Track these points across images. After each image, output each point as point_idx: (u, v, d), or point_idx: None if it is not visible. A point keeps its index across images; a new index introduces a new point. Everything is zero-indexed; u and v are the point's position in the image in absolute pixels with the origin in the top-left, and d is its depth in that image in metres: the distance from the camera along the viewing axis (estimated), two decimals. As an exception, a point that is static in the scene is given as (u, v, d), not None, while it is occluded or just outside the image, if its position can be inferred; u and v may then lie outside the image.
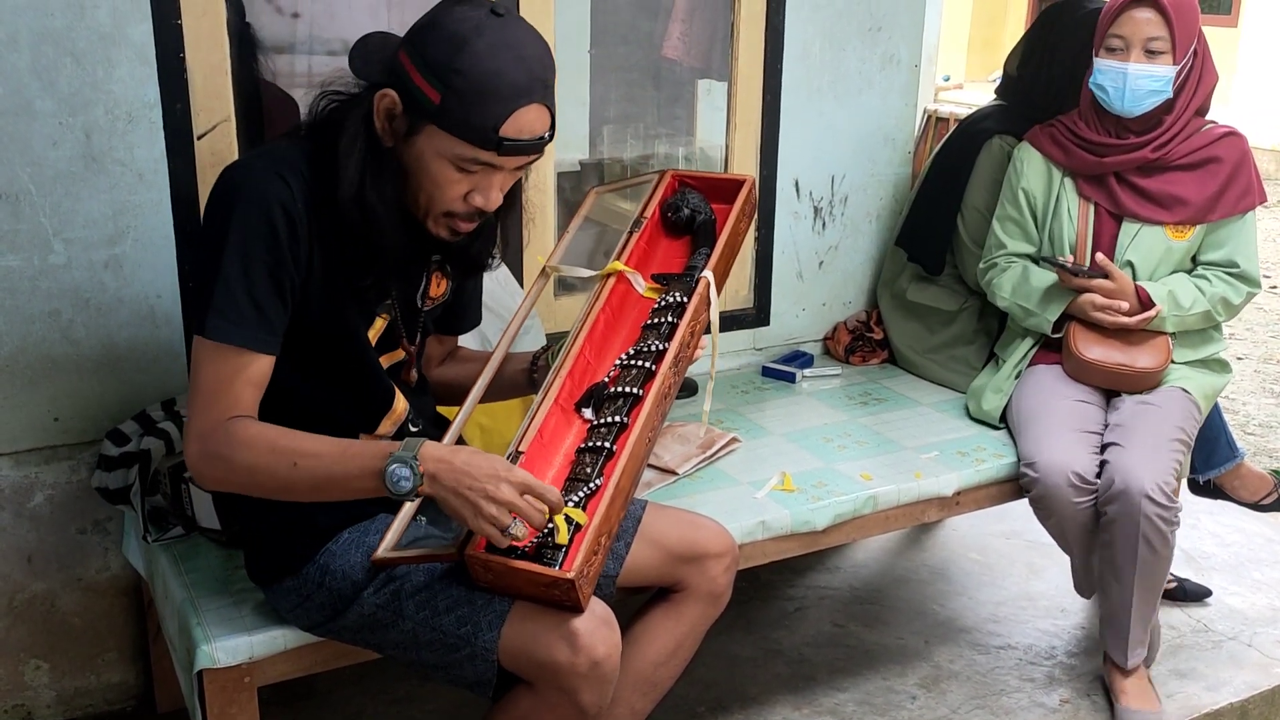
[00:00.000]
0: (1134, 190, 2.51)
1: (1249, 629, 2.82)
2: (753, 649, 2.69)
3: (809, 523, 2.24)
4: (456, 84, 1.54)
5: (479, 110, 1.55)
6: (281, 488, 1.57)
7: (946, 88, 6.65)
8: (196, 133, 2.18)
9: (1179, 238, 2.51)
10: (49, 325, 2.13)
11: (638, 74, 3.57)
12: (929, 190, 2.94)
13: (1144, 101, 2.42)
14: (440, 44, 1.55)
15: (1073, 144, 2.55)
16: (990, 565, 3.10)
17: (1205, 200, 2.48)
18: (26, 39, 2.01)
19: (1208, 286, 2.50)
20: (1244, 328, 5.63)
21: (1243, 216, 2.51)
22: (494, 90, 1.55)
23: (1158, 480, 2.27)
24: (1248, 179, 2.50)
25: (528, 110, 1.58)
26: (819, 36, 2.85)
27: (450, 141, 1.58)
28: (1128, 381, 2.47)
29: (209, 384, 1.57)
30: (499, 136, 1.57)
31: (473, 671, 1.65)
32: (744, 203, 1.97)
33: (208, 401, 1.57)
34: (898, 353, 2.99)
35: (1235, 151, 2.50)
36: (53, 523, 2.23)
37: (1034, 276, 2.56)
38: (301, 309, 1.62)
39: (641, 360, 1.80)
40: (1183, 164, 2.49)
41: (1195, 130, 2.50)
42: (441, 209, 1.65)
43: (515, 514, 1.50)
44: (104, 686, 2.38)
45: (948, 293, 2.91)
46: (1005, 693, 2.55)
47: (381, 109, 1.59)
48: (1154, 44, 2.38)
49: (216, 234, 1.56)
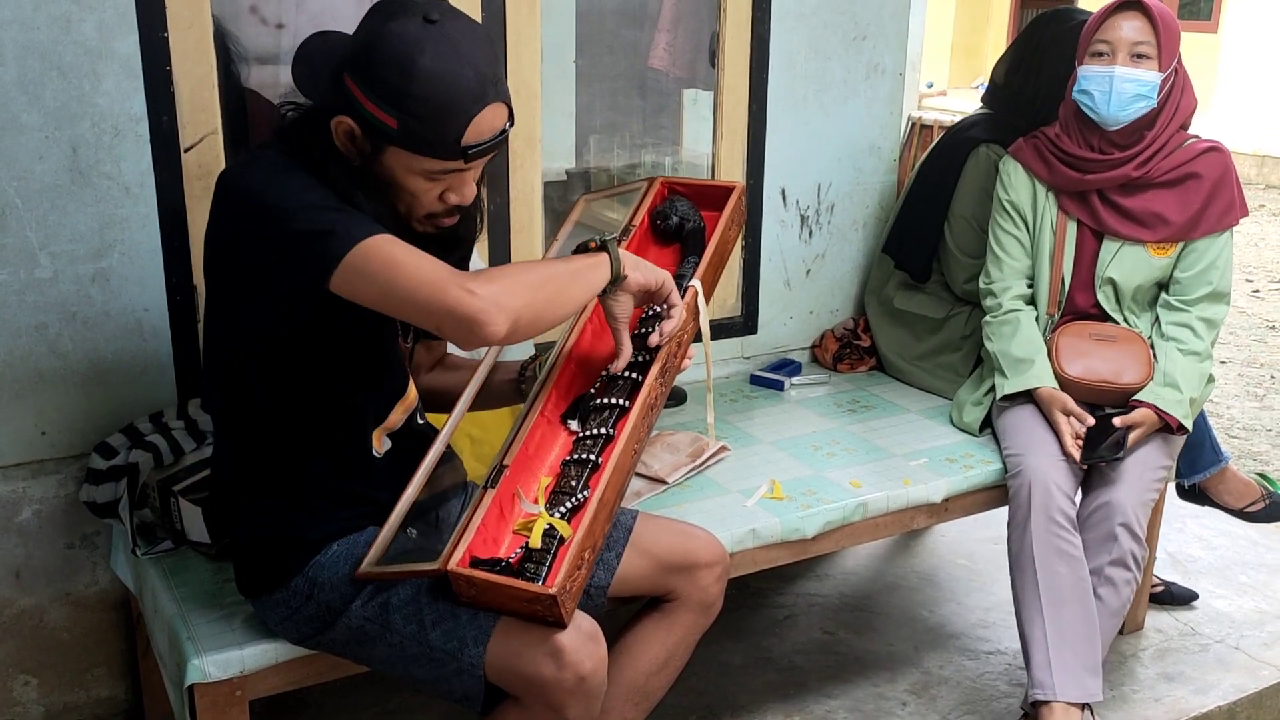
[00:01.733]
0: (1115, 209, 2.51)
1: (1236, 632, 2.83)
2: (743, 657, 2.69)
3: (799, 530, 2.24)
4: (411, 107, 1.54)
5: (438, 128, 1.56)
6: (547, 282, 1.61)
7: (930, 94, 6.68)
8: (184, 145, 2.18)
9: (1160, 254, 2.51)
10: (36, 339, 2.13)
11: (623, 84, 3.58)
12: (915, 198, 2.95)
13: (1130, 108, 2.40)
14: (385, 68, 1.53)
15: (1055, 159, 2.54)
16: (979, 571, 3.12)
17: (1187, 219, 2.48)
18: (12, 53, 2.00)
19: (1197, 342, 2.47)
20: (1227, 331, 5.67)
21: (1220, 234, 2.50)
22: (449, 104, 1.55)
23: (1138, 514, 2.32)
24: (1229, 196, 2.48)
25: (484, 113, 1.59)
26: (804, 46, 2.86)
27: (415, 159, 1.59)
28: (1111, 397, 2.46)
29: (416, 261, 1.51)
30: (461, 146, 1.59)
31: (460, 686, 1.66)
32: (733, 210, 1.97)
33: (435, 268, 1.51)
34: (885, 360, 3.01)
35: (1217, 167, 2.48)
36: (41, 537, 2.22)
37: (1015, 345, 2.53)
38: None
39: (628, 371, 1.80)
40: (1164, 181, 2.48)
41: (1177, 145, 2.49)
42: (422, 213, 1.66)
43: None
44: (93, 701, 2.36)
45: (934, 300, 2.92)
46: (995, 698, 2.56)
47: (340, 133, 1.59)
48: (1140, 48, 2.38)
49: (272, 205, 1.54)
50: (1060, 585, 2.29)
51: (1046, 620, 2.28)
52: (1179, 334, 2.49)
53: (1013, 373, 2.51)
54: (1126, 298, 2.54)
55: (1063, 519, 2.31)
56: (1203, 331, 2.49)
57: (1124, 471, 2.37)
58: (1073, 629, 2.27)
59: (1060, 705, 2.23)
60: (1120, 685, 2.59)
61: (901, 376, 2.96)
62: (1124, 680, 2.61)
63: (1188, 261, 2.51)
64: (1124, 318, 2.55)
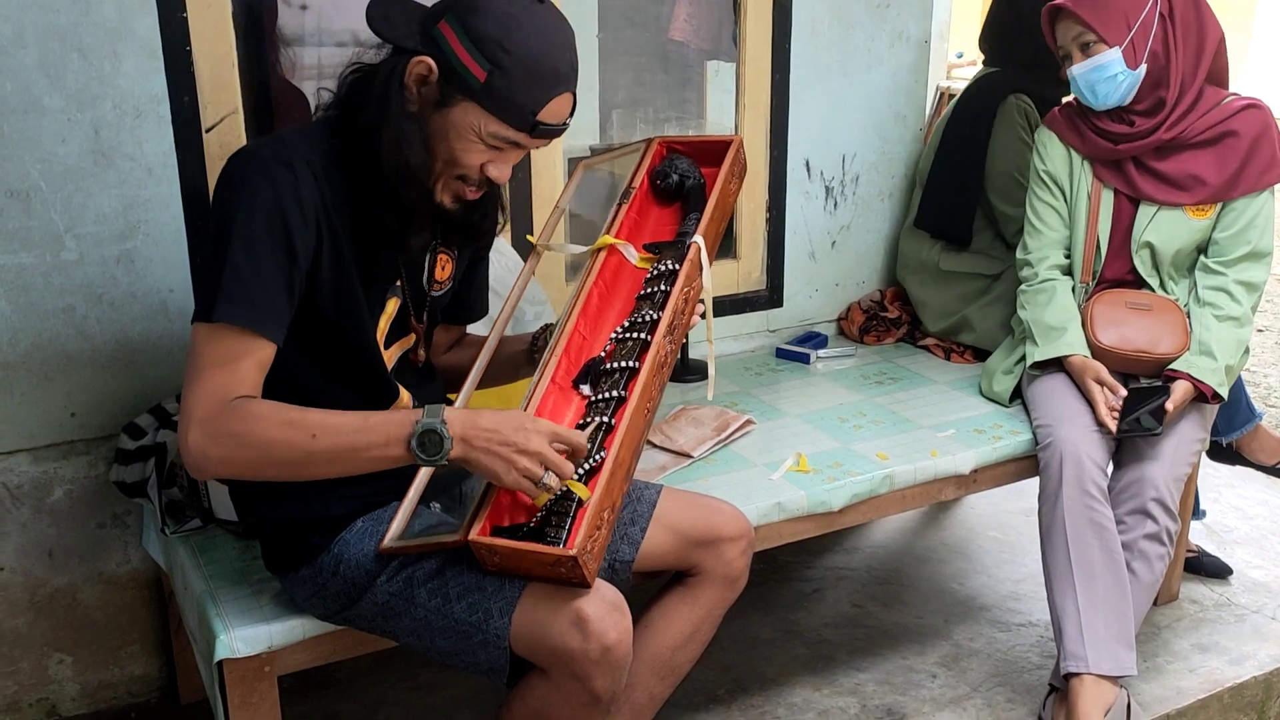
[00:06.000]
0: (1150, 174, 2.47)
1: (1273, 602, 2.80)
2: (771, 631, 2.69)
3: (825, 503, 2.23)
4: (505, 63, 1.56)
5: (523, 92, 1.58)
6: (298, 461, 1.52)
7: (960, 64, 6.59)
8: (205, 125, 2.18)
9: (1200, 216, 2.46)
10: (63, 321, 2.14)
11: (646, 57, 3.55)
12: (945, 164, 2.91)
13: (1110, 92, 2.38)
14: (490, 21, 1.56)
15: (1089, 130, 2.50)
16: (1010, 543, 3.09)
17: (1225, 179, 2.42)
18: (33, 35, 2.01)
19: (1235, 306, 2.42)
20: (1265, 300, 5.58)
21: (1260, 193, 2.45)
22: (538, 75, 1.58)
23: (1170, 488, 2.30)
24: (1270, 153, 2.42)
25: (564, 97, 1.63)
26: (827, 14, 2.83)
27: (486, 119, 1.59)
28: (1146, 366, 2.43)
29: (212, 366, 1.52)
30: (536, 120, 1.60)
31: (486, 658, 1.66)
32: (732, 163, 1.94)
33: (212, 383, 1.52)
34: (928, 320, 2.96)
35: (1255, 125, 2.42)
36: (72, 517, 2.25)
37: (1049, 313, 2.50)
38: (310, 297, 1.62)
39: (637, 332, 1.79)
40: (1200, 141, 2.43)
41: (1214, 104, 2.43)
42: (456, 172, 1.65)
43: (546, 466, 1.51)
44: (127, 679, 2.39)
45: (985, 258, 2.89)
46: (1026, 670, 2.54)
47: (414, 74, 1.59)
48: (1081, 39, 2.38)
49: (223, 222, 1.56)
50: (1092, 557, 2.26)
51: (1079, 592, 2.25)
52: (1216, 299, 2.44)
53: (1044, 340, 2.48)
54: (1165, 263, 2.50)
55: (1095, 490, 2.29)
56: (1241, 295, 2.44)
57: (1158, 446, 2.34)
58: (1105, 601, 2.25)
59: (1092, 678, 2.21)
60: (1154, 656, 2.57)
61: (951, 336, 2.91)
62: (1158, 651, 2.59)
63: (1226, 221, 2.46)
64: (1161, 284, 2.51)
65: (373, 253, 1.68)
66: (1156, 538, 2.30)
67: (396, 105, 1.59)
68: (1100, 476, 2.31)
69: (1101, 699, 2.20)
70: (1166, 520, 2.30)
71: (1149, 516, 2.29)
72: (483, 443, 1.51)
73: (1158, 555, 2.31)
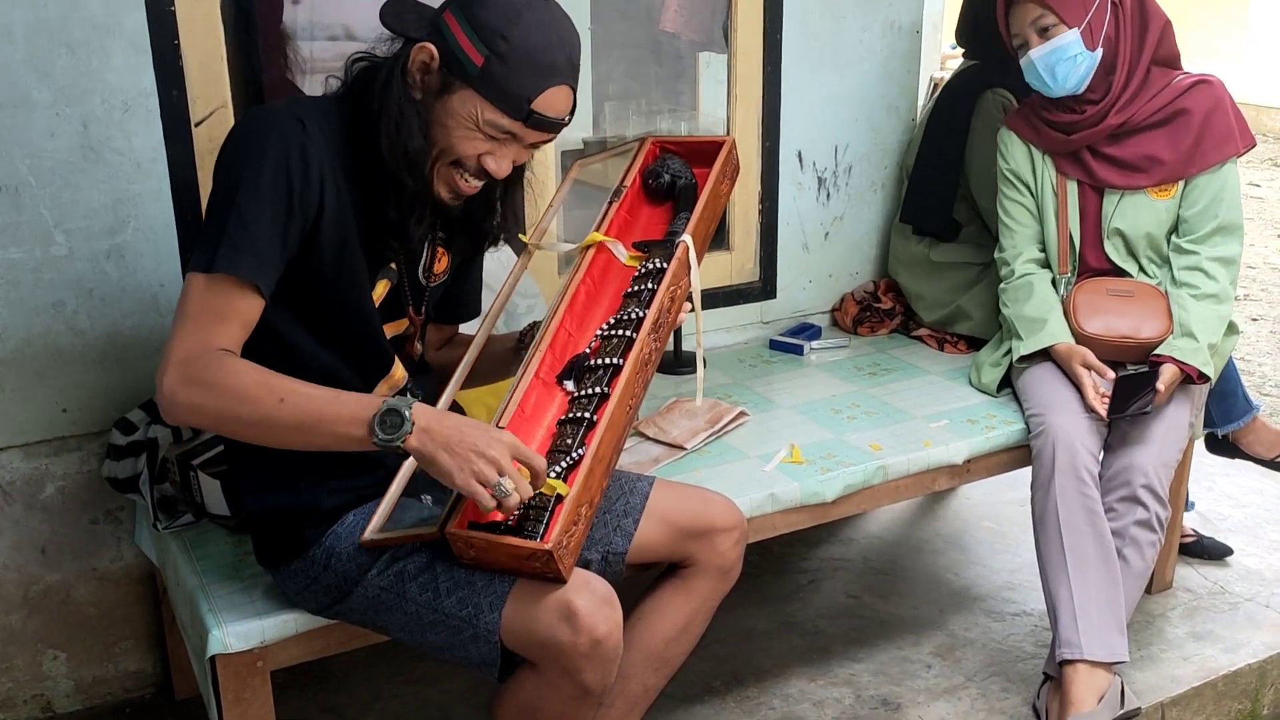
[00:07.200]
0: (1107, 160, 2.48)
1: (1266, 590, 2.80)
2: (767, 622, 2.69)
3: (818, 494, 2.23)
4: (502, 50, 1.58)
5: (517, 80, 1.60)
6: (261, 422, 1.50)
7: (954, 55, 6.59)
8: (194, 119, 2.18)
9: (1162, 196, 2.47)
10: (53, 317, 2.14)
11: (638, 50, 3.54)
12: (928, 159, 2.91)
13: (1069, 73, 2.38)
14: (493, 11, 1.60)
15: (1042, 124, 2.53)
16: (1004, 533, 3.09)
17: (1181, 156, 2.43)
18: (21, 30, 2.00)
19: (1211, 284, 2.42)
20: (1259, 289, 5.59)
21: (1221, 166, 2.44)
22: (535, 63, 1.60)
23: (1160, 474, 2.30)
24: (1225, 126, 2.43)
25: (560, 89, 1.64)
26: (818, 4, 2.82)
27: (482, 106, 1.61)
28: (1132, 353, 2.44)
29: (203, 315, 1.54)
30: (530, 109, 1.62)
31: (476, 652, 1.66)
32: (724, 164, 1.95)
33: (199, 331, 1.53)
34: (922, 311, 2.96)
35: (1207, 100, 2.43)
36: (65, 513, 2.24)
37: (1029, 307, 2.51)
38: (308, 253, 1.61)
39: (622, 329, 1.79)
40: (1151, 122, 2.44)
41: (1163, 85, 2.44)
42: (451, 159, 1.66)
43: (501, 473, 1.49)
44: (122, 675, 2.39)
45: (973, 248, 2.89)
46: (1021, 659, 2.54)
47: (417, 60, 1.61)
48: (1040, 23, 2.37)
49: (230, 174, 1.57)
50: (1085, 544, 2.26)
51: (1072, 580, 2.26)
52: (1191, 278, 2.45)
53: (1027, 333, 2.49)
54: (1139, 248, 2.51)
55: (1088, 476, 2.29)
56: (1217, 272, 2.44)
57: (1146, 432, 2.34)
58: (1099, 588, 2.25)
59: (1085, 665, 2.22)
60: (1148, 645, 2.57)
61: (947, 326, 2.92)
62: (1152, 640, 2.59)
63: (1191, 198, 2.47)
64: (1140, 270, 2.52)
65: (373, 236, 1.68)
66: (1147, 524, 2.30)
67: (398, 90, 1.61)
68: (1093, 463, 2.31)
69: (1095, 685, 2.20)
70: (1156, 506, 2.30)
71: (1139, 503, 2.29)
72: (442, 438, 1.49)
73: (1149, 542, 2.31)
